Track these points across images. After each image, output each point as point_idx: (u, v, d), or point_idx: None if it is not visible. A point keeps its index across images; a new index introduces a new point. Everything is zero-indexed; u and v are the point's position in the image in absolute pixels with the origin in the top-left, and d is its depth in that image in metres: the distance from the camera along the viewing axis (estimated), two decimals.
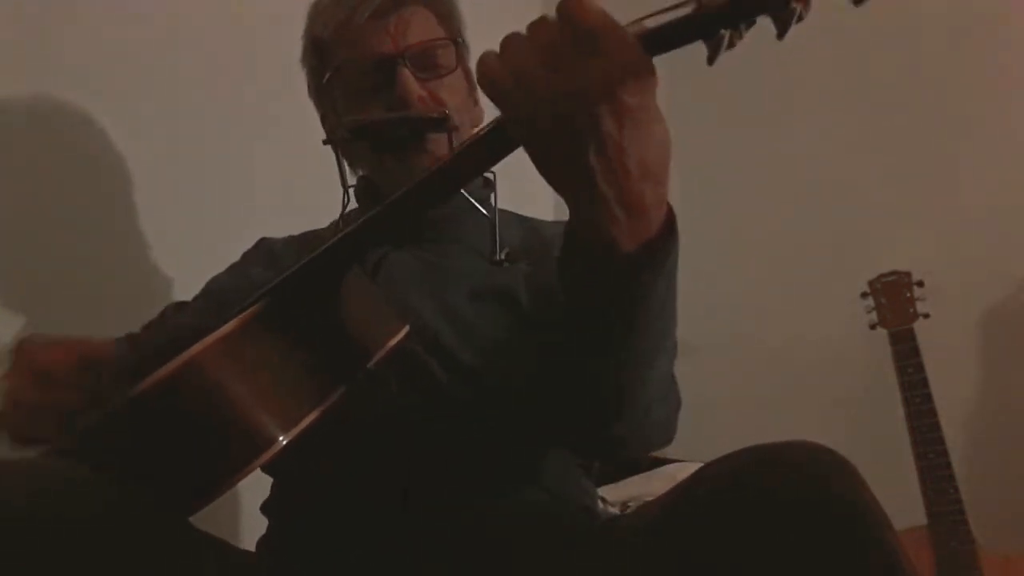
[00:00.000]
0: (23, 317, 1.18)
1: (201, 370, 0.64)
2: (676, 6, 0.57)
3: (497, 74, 0.59)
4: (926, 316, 1.62)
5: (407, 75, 0.95)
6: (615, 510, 1.48)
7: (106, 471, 0.62)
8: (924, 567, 1.51)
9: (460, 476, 0.87)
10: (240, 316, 0.68)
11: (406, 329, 0.81)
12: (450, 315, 0.93)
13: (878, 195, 1.89)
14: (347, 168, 1.04)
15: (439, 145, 0.95)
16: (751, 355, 2.03)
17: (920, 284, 1.65)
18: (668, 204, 0.64)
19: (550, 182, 0.62)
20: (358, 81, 0.98)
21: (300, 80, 1.08)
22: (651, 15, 0.58)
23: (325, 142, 1.00)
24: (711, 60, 0.57)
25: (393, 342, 0.79)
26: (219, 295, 1.05)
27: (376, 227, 0.71)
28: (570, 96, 0.57)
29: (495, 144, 0.64)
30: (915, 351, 1.60)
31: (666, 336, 0.73)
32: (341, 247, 0.72)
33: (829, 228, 1.95)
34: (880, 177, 1.89)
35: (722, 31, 0.56)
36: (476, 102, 1.07)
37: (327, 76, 1.00)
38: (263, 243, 1.12)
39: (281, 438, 0.66)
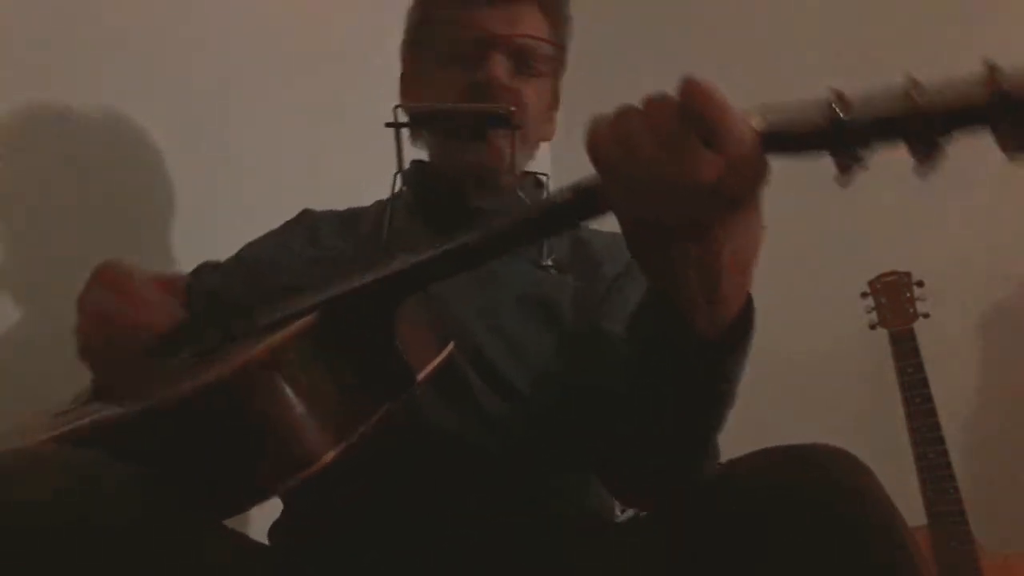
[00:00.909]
0: (26, 314, 1.18)
1: (251, 380, 0.63)
2: (810, 109, 0.52)
3: (606, 143, 0.55)
4: (926, 316, 1.62)
5: (499, 60, 0.96)
6: (631, 512, 1.48)
7: (139, 464, 0.61)
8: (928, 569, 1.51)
9: (483, 483, 0.87)
10: (293, 327, 0.66)
11: (451, 346, 0.80)
12: (494, 325, 0.92)
13: (878, 195, 1.89)
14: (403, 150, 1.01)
15: (502, 142, 0.95)
16: (751, 355, 2.03)
17: (920, 284, 1.65)
18: (750, 302, 0.64)
19: (635, 256, 0.61)
20: (452, 46, 0.98)
21: (313, 72, 1.06)
22: (777, 109, 0.54)
23: (388, 125, 0.97)
24: (844, 181, 0.52)
25: (439, 360, 0.78)
26: (254, 263, 1.05)
27: (448, 264, 0.69)
28: (677, 186, 0.53)
29: (587, 207, 0.61)
30: (915, 351, 1.60)
31: (728, 402, 0.72)
32: (408, 276, 0.69)
33: (829, 228, 1.95)
34: (880, 177, 1.88)
35: (861, 152, 0.51)
36: (552, 119, 1.07)
37: (426, 30, 1.01)
38: (305, 215, 1.10)
39: (328, 452, 0.64)
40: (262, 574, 0.76)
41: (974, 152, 1.90)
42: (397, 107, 1.00)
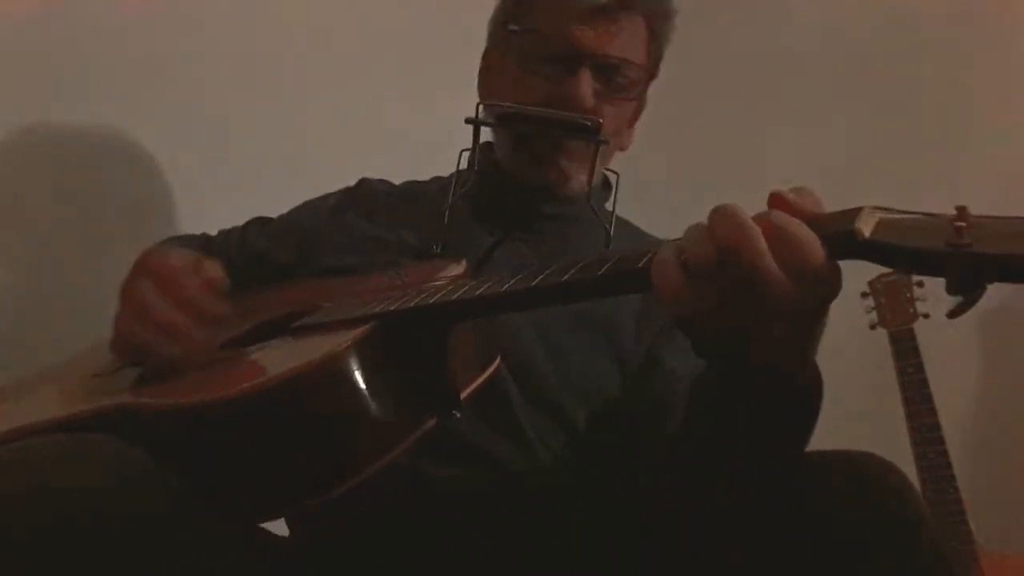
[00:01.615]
0: (27, 314, 1.18)
1: (302, 388, 0.62)
2: (929, 224, 0.47)
3: (677, 289, 0.52)
4: (926, 316, 1.62)
5: (587, 78, 0.93)
6: None
7: (164, 456, 0.60)
8: None
9: (515, 502, 0.85)
10: (348, 337, 0.66)
11: (497, 362, 0.79)
12: (545, 339, 0.89)
13: (878, 195, 1.89)
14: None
15: (574, 155, 0.93)
16: None
17: (920, 284, 1.65)
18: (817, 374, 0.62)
19: (696, 348, 0.59)
20: (537, 54, 0.95)
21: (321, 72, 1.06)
22: (893, 215, 0.50)
23: (468, 121, 0.95)
24: (954, 315, 0.47)
25: (484, 376, 0.77)
26: (305, 229, 1.04)
27: (511, 303, 0.68)
28: (753, 317, 0.52)
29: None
30: (915, 351, 1.60)
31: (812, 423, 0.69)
32: (470, 304, 0.68)
33: None
34: (880, 177, 1.88)
35: (980, 285, 0.46)
36: (631, 131, 1.05)
37: (517, 26, 0.97)
38: (363, 184, 1.09)
39: (373, 462, 0.64)
40: (286, 571, 0.76)
41: (974, 152, 1.92)
42: (480, 104, 0.98)
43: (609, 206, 1.02)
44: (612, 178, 1.03)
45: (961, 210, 0.45)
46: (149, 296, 0.77)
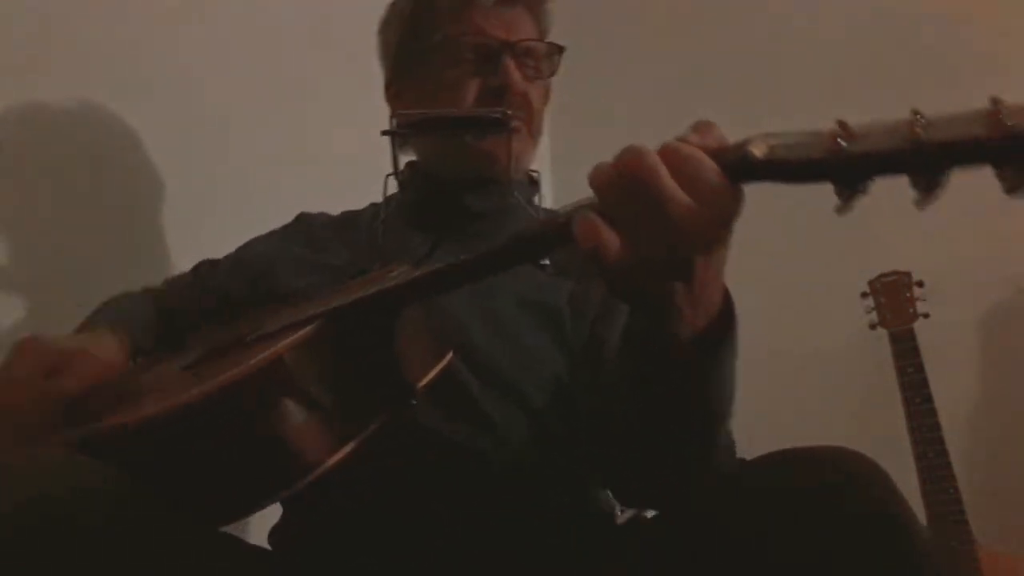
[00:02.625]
0: (27, 314, 1.18)
1: (252, 388, 0.64)
2: (813, 139, 0.52)
3: (594, 228, 0.56)
4: (926, 316, 1.62)
5: (512, 66, 0.97)
6: (630, 513, 1.48)
7: (141, 472, 0.62)
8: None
9: (484, 487, 0.87)
10: (294, 337, 0.67)
11: (450, 355, 0.81)
12: (494, 329, 0.92)
13: (878, 195, 1.89)
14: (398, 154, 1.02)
15: (496, 145, 0.95)
16: (751, 355, 2.02)
17: (920, 284, 1.65)
18: (726, 290, 0.65)
19: (616, 295, 0.62)
20: (458, 58, 0.98)
21: (315, 74, 1.07)
22: (780, 136, 0.54)
23: (384, 133, 0.97)
24: (843, 210, 0.53)
25: (438, 369, 0.78)
26: (254, 264, 1.05)
27: (443, 281, 0.69)
28: (666, 242, 0.56)
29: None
30: (915, 351, 1.60)
31: (725, 400, 0.72)
32: (404, 290, 0.70)
33: (829, 228, 1.95)
34: (880, 176, 1.89)
35: (862, 184, 0.52)
36: (542, 116, 1.07)
37: (426, 44, 1.00)
38: (303, 218, 1.12)
39: (328, 459, 0.65)
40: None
41: None
42: (394, 115, 1.00)
43: (536, 201, 1.07)
44: (536, 176, 1.07)
45: (841, 123, 0.51)
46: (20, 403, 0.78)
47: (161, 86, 1.33)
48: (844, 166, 0.51)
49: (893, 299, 1.65)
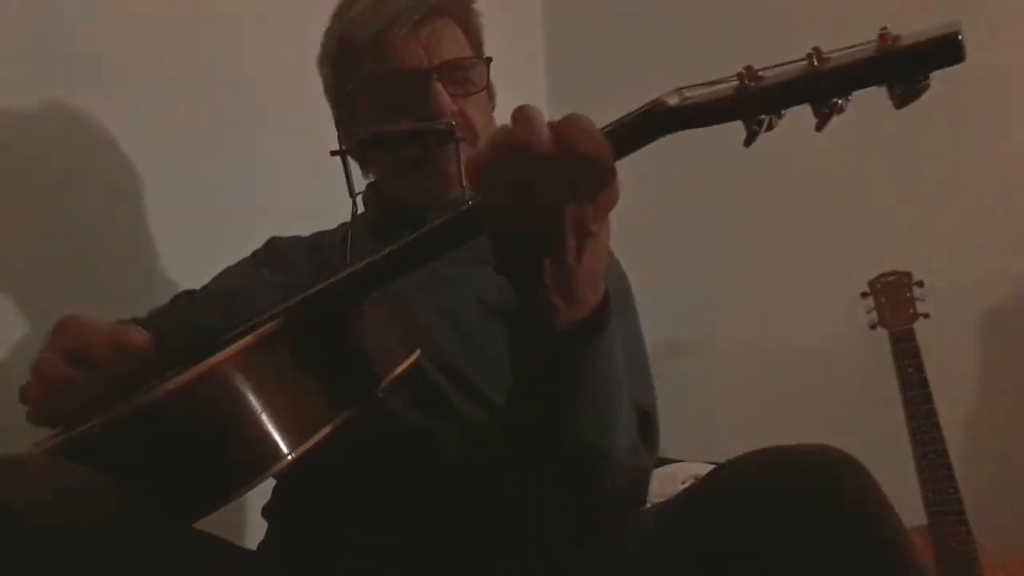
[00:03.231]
0: (28, 318, 1.18)
1: (215, 383, 0.66)
2: (722, 84, 0.59)
3: (480, 169, 0.63)
4: (926, 316, 1.62)
5: (440, 90, 0.96)
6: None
7: (111, 474, 0.62)
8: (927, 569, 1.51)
9: (460, 484, 0.87)
10: (256, 333, 0.69)
11: (417, 354, 0.82)
12: (455, 328, 0.94)
13: (878, 195, 1.90)
14: (354, 176, 1.01)
15: (446, 159, 0.95)
16: (751, 355, 2.03)
17: (920, 284, 1.65)
18: (606, 293, 0.70)
19: (502, 271, 0.68)
20: (387, 92, 0.98)
21: (306, 82, 1.08)
22: (694, 87, 0.61)
23: (334, 153, 0.97)
24: (748, 141, 0.59)
25: (403, 367, 0.80)
26: (228, 292, 1.06)
27: (387, 268, 0.74)
28: (540, 211, 0.61)
29: (473, 224, 0.69)
30: (915, 351, 1.60)
31: (616, 412, 0.74)
32: (354, 279, 0.74)
33: (829, 228, 1.95)
34: (880, 177, 1.89)
35: (769, 117, 0.58)
36: (493, 121, 1.07)
37: (353, 84, 1.00)
38: (272, 242, 1.12)
39: (289, 454, 0.67)
40: None
41: (975, 152, 1.92)
42: (345, 132, 1.02)
43: None
44: None
45: (747, 68, 0.57)
46: (55, 369, 0.77)
47: (154, 92, 1.33)
48: (749, 102, 0.56)
49: (893, 299, 1.65)
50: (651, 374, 0.98)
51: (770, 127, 0.57)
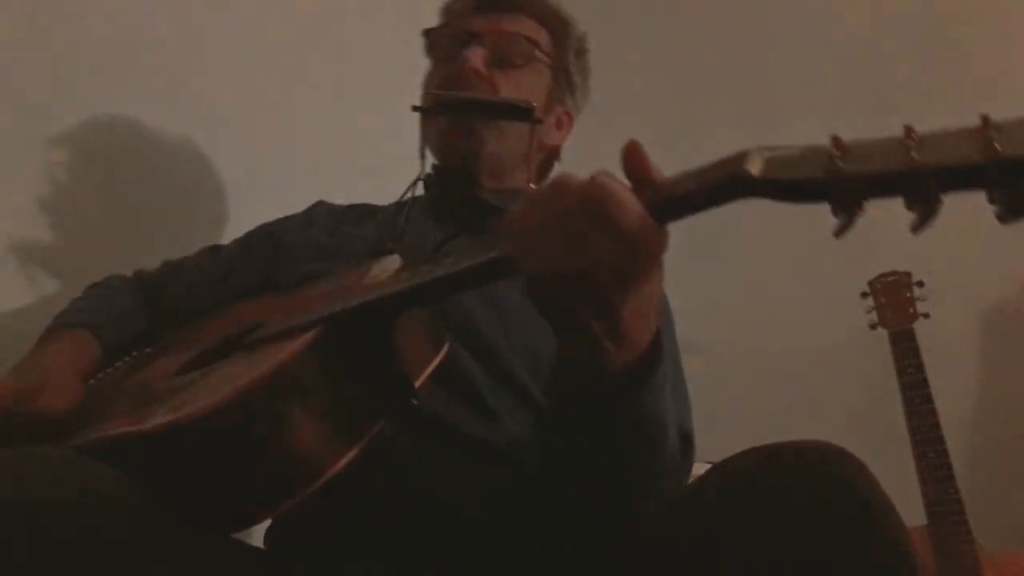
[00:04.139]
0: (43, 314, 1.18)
1: (257, 398, 0.64)
2: (809, 158, 0.51)
3: (514, 236, 0.60)
4: (926, 316, 1.62)
5: (475, 51, 1.00)
6: None
7: (145, 480, 0.62)
8: (924, 567, 1.51)
9: (487, 475, 0.86)
10: (294, 345, 0.68)
11: (447, 346, 0.81)
12: (498, 317, 0.92)
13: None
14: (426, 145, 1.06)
15: (509, 134, 0.99)
16: (751, 355, 2.03)
17: (920, 284, 1.65)
18: (657, 331, 0.66)
19: (541, 313, 0.64)
20: (438, 47, 1.06)
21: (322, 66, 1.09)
22: (776, 151, 0.54)
23: (414, 108, 1.03)
24: (839, 232, 0.53)
25: (435, 363, 0.79)
26: (272, 244, 1.07)
27: (413, 298, 0.71)
28: (579, 271, 0.57)
29: (503, 270, 0.65)
30: (915, 351, 1.60)
31: (662, 442, 0.73)
32: (404, 296, 0.71)
33: (829, 228, 1.95)
34: None
35: (857, 206, 0.51)
36: (559, 129, 1.10)
37: (427, 34, 1.07)
38: (321, 204, 1.14)
39: (333, 465, 0.66)
40: None
41: None
42: (425, 92, 1.06)
43: None
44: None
45: (836, 140, 0.51)
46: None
47: (181, 81, 1.34)
48: (840, 188, 0.50)
49: (893, 299, 1.65)
50: (687, 391, 0.97)
51: (862, 212, 0.51)
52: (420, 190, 1.08)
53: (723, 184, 0.55)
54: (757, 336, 2.03)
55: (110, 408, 0.80)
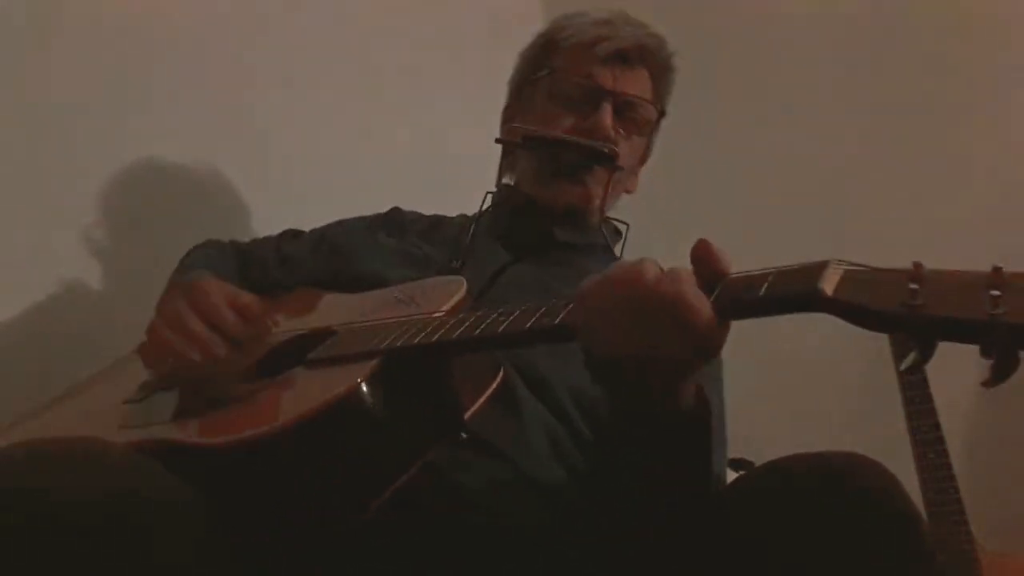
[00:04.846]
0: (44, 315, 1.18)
1: (320, 425, 0.67)
2: (886, 283, 0.51)
3: (588, 312, 0.62)
4: None
5: (608, 110, 1.04)
6: None
7: (203, 488, 0.64)
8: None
9: (527, 502, 0.85)
10: (355, 373, 0.70)
11: (502, 374, 0.82)
12: (554, 352, 0.92)
13: (878, 194, 1.90)
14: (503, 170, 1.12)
15: (596, 180, 1.02)
16: (751, 355, 2.02)
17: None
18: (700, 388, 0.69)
19: (595, 378, 0.66)
20: (564, 92, 1.07)
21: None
22: (855, 271, 0.53)
23: (498, 141, 1.07)
24: (910, 371, 0.51)
25: (492, 388, 0.80)
26: (338, 242, 1.11)
27: (482, 343, 0.72)
28: (641, 357, 0.60)
29: (565, 336, 0.65)
30: None
31: (703, 475, 0.75)
32: (467, 343, 0.72)
33: (829, 227, 1.95)
34: (880, 176, 1.89)
35: (928, 345, 0.49)
36: (637, 174, 1.15)
37: (540, 73, 1.08)
38: (395, 211, 1.17)
39: (376, 496, 0.69)
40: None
41: (976, 151, 1.91)
42: (512, 126, 1.09)
43: (618, 251, 1.11)
44: (622, 228, 1.13)
45: (917, 267, 0.49)
46: (183, 311, 0.85)
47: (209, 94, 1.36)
48: (914, 325, 0.49)
49: None
50: (726, 437, 0.99)
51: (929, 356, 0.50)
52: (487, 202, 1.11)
53: (795, 299, 0.55)
54: (756, 336, 2.03)
55: (184, 398, 0.83)
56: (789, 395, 1.95)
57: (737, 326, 0.63)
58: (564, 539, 0.83)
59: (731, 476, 1.03)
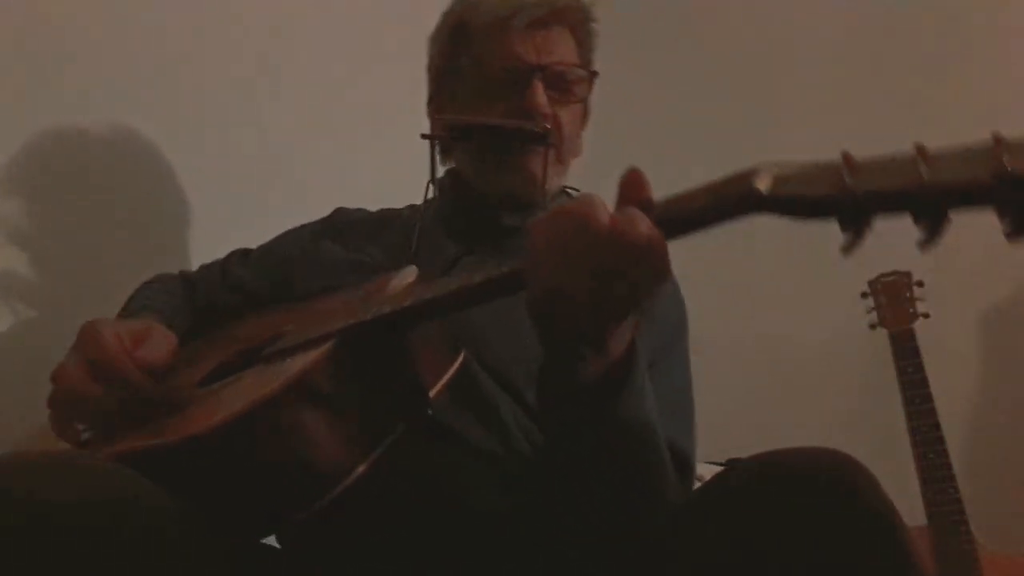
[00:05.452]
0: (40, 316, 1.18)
1: (274, 410, 0.66)
2: (819, 174, 0.52)
3: (542, 246, 0.63)
4: (926, 316, 1.62)
5: (539, 88, 0.98)
6: None
7: (171, 489, 0.64)
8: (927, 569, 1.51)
9: (496, 490, 0.86)
10: (310, 358, 0.70)
11: (463, 355, 0.82)
12: (510, 334, 0.92)
13: None
14: (438, 160, 1.06)
15: (534, 161, 0.97)
16: (751, 355, 2.03)
17: (920, 284, 1.65)
18: (632, 340, 0.70)
19: (534, 320, 0.67)
20: (489, 79, 1.00)
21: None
22: (787, 168, 0.54)
23: (424, 136, 1.02)
24: (847, 249, 0.54)
25: (451, 372, 0.80)
26: (282, 257, 1.08)
27: (434, 308, 0.73)
28: (592, 298, 0.61)
29: (514, 284, 0.67)
30: (915, 351, 1.60)
31: (647, 443, 0.75)
32: (416, 309, 0.73)
33: (829, 228, 1.95)
34: None
35: (865, 222, 0.52)
36: (581, 137, 1.09)
37: (458, 63, 1.03)
38: (338, 214, 1.13)
39: (349, 474, 0.68)
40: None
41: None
42: (437, 118, 1.03)
43: None
44: (574, 194, 1.07)
45: (847, 157, 0.51)
46: (80, 383, 0.79)
47: (194, 80, 1.35)
48: (848, 204, 0.51)
49: (893, 299, 1.65)
50: (693, 415, 0.98)
51: (870, 229, 0.52)
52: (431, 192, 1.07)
53: (732, 201, 0.56)
54: (756, 336, 2.03)
55: (143, 411, 0.82)
56: (788, 395, 1.95)
57: (737, 326, 0.63)
58: (534, 524, 0.84)
59: None
